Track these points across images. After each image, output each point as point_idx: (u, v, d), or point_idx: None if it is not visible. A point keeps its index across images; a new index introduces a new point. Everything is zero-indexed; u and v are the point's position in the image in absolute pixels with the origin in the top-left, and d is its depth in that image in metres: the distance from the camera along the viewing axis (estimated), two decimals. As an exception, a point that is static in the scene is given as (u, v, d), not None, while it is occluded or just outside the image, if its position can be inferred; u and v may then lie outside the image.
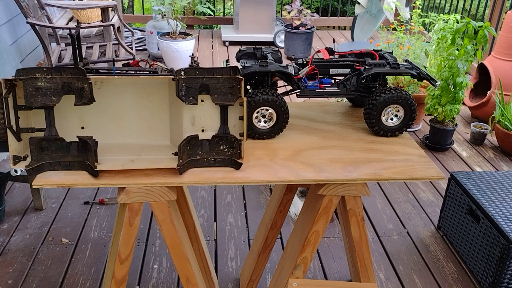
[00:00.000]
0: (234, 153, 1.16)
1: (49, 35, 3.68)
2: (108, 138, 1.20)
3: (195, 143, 1.14)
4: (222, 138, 1.16)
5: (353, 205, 1.28)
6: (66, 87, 1.08)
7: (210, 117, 1.16)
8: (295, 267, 1.34)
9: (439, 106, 2.97)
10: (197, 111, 1.15)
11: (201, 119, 1.16)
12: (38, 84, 1.06)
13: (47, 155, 1.12)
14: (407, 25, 4.16)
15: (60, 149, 1.12)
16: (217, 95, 1.13)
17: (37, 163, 1.11)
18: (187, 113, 1.15)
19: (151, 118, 1.21)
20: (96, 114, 1.18)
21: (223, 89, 1.13)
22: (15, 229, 2.30)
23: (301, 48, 4.82)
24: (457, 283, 2.07)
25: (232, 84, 1.13)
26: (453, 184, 2.27)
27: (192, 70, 1.11)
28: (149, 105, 1.20)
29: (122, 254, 1.25)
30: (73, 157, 1.13)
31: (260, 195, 2.65)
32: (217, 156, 1.16)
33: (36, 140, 1.10)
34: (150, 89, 1.18)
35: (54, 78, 1.07)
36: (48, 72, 1.07)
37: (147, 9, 7.36)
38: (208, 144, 1.15)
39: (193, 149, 1.14)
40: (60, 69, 1.08)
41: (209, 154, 1.16)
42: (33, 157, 1.11)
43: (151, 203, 1.18)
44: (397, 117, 1.35)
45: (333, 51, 1.47)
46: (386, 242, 2.31)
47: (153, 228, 2.36)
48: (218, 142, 1.16)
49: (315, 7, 7.32)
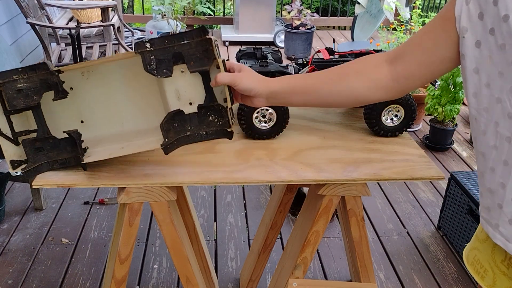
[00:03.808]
0: (224, 123, 1.07)
1: (49, 35, 3.68)
2: (107, 128, 1.16)
3: (181, 118, 1.06)
4: (209, 108, 1.07)
5: (353, 205, 1.28)
6: (45, 84, 1.05)
7: (194, 88, 1.07)
8: (295, 267, 1.34)
9: (439, 106, 2.97)
10: (180, 84, 1.07)
11: (186, 92, 1.07)
12: (18, 86, 1.04)
13: (44, 155, 1.10)
14: (407, 25, 4.16)
15: (55, 147, 1.11)
16: (193, 62, 1.04)
17: (35, 164, 1.10)
18: (170, 88, 1.07)
19: (142, 101, 1.15)
20: (91, 105, 1.15)
21: (198, 54, 1.03)
22: (15, 229, 2.30)
23: (301, 48, 4.83)
24: (457, 283, 2.07)
25: (205, 46, 1.03)
26: (453, 184, 2.27)
27: (159, 40, 1.02)
28: (138, 87, 1.14)
29: (122, 254, 1.25)
30: (68, 153, 1.11)
31: (260, 195, 2.65)
32: (208, 128, 1.07)
33: (29, 142, 1.08)
34: (137, 69, 1.10)
35: (31, 77, 1.04)
36: (24, 72, 1.04)
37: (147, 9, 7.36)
38: (196, 117, 1.07)
39: (181, 126, 1.07)
40: (34, 67, 1.05)
41: (199, 127, 1.07)
42: (30, 159, 1.10)
43: (151, 203, 1.18)
44: (397, 117, 1.35)
45: (333, 51, 1.47)
46: (386, 242, 2.31)
47: (153, 228, 2.36)
48: (206, 113, 1.07)
49: (315, 7, 7.33)
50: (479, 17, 0.76)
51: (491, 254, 0.91)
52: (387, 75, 0.94)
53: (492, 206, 0.84)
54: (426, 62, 0.87)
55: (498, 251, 0.89)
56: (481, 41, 0.77)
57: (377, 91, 0.96)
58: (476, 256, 0.96)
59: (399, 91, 0.96)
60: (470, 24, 0.77)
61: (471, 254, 0.98)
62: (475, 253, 0.97)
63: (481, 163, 0.85)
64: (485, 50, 0.76)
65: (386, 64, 0.94)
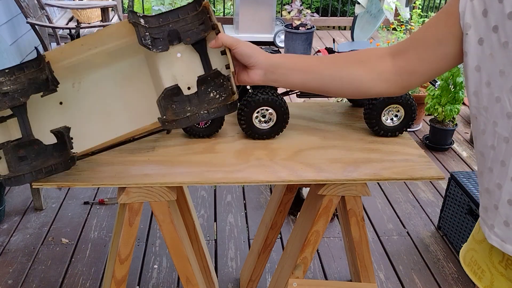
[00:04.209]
0: (227, 95, 0.98)
1: (49, 35, 3.69)
2: (101, 138, 1.06)
3: (180, 99, 0.98)
4: (209, 83, 0.98)
5: (353, 205, 1.28)
6: (33, 84, 0.97)
7: (192, 71, 1.00)
8: (295, 267, 1.34)
9: (439, 106, 2.97)
10: (176, 68, 1.00)
11: (183, 76, 1.01)
12: (4, 89, 0.96)
13: (27, 164, 0.99)
14: (407, 25, 4.16)
15: (40, 154, 1.00)
16: (190, 37, 0.98)
17: (16, 173, 0.99)
18: (166, 73, 1.00)
19: (139, 101, 1.08)
20: (82, 117, 1.07)
21: (194, 29, 0.97)
22: (15, 229, 2.30)
23: (301, 48, 4.82)
24: (457, 283, 2.07)
25: (201, 18, 0.97)
26: (453, 184, 2.27)
27: (154, 18, 0.97)
28: (132, 90, 1.07)
29: (122, 254, 1.25)
30: (55, 159, 1.01)
31: (260, 195, 2.65)
32: (209, 106, 0.99)
33: (11, 148, 0.97)
34: (130, 71, 1.06)
35: (18, 78, 0.97)
36: (11, 73, 0.97)
37: (147, 9, 7.36)
38: (196, 97, 0.99)
39: (180, 107, 0.98)
40: (23, 66, 0.97)
41: (199, 107, 0.99)
42: (11, 168, 0.99)
43: (151, 203, 1.18)
44: (397, 117, 1.35)
45: (333, 51, 1.46)
46: (386, 242, 2.31)
47: (153, 228, 2.36)
48: (206, 91, 0.99)
49: (315, 7, 7.32)
50: (483, 14, 0.75)
51: (488, 255, 0.91)
52: (390, 68, 0.92)
53: (489, 207, 0.84)
54: (429, 58, 0.86)
55: (496, 252, 0.89)
56: (483, 39, 0.76)
57: (379, 83, 0.94)
58: (473, 257, 0.96)
59: (400, 87, 0.94)
60: (473, 21, 0.77)
61: (468, 255, 0.98)
62: (472, 254, 0.96)
63: (480, 162, 0.84)
64: (487, 48, 0.75)
65: (390, 57, 0.92)
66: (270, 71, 0.98)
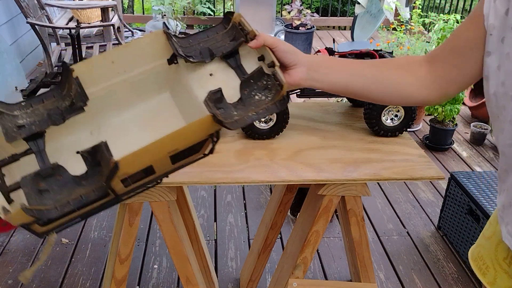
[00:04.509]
0: (275, 93, 0.91)
1: (49, 35, 3.68)
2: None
3: (224, 106, 0.91)
4: (251, 86, 0.92)
5: (353, 205, 1.28)
6: (53, 116, 0.85)
7: (229, 86, 0.94)
8: (295, 267, 1.34)
9: (439, 106, 2.97)
10: (211, 87, 0.92)
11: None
12: (19, 122, 0.85)
13: (50, 198, 0.82)
14: (407, 25, 4.16)
15: (65, 186, 0.83)
16: (222, 52, 0.94)
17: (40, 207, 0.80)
18: (201, 93, 0.92)
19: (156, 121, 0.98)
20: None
21: (226, 45, 0.94)
22: (15, 229, 2.30)
23: (301, 48, 4.82)
24: (457, 283, 2.07)
25: (232, 34, 0.94)
26: (453, 184, 2.27)
27: (183, 39, 0.93)
28: (149, 108, 0.98)
29: (122, 254, 1.25)
30: (86, 186, 0.84)
31: (260, 195, 2.65)
32: (257, 108, 0.91)
33: (29, 180, 0.82)
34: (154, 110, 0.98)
35: (36, 110, 0.86)
36: (27, 106, 0.86)
37: (147, 9, 7.36)
38: (242, 103, 0.92)
39: (226, 113, 0.90)
40: (42, 97, 0.87)
41: (247, 111, 0.91)
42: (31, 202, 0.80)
43: (151, 203, 1.18)
44: (397, 117, 1.35)
45: (333, 51, 1.47)
46: (386, 242, 2.31)
47: (153, 228, 2.36)
48: (250, 94, 0.92)
49: (315, 7, 7.32)
50: (506, 13, 0.75)
51: (494, 251, 0.91)
52: (427, 74, 0.91)
53: (507, 205, 0.84)
54: (464, 65, 0.85)
55: (501, 249, 0.89)
56: (505, 37, 0.76)
57: (420, 89, 0.92)
58: (480, 252, 0.96)
59: (439, 94, 0.92)
60: (497, 21, 0.77)
61: (476, 250, 0.99)
62: (480, 249, 0.97)
63: (501, 161, 0.85)
64: (506, 46, 0.76)
65: (427, 64, 0.91)
66: (313, 69, 0.93)
